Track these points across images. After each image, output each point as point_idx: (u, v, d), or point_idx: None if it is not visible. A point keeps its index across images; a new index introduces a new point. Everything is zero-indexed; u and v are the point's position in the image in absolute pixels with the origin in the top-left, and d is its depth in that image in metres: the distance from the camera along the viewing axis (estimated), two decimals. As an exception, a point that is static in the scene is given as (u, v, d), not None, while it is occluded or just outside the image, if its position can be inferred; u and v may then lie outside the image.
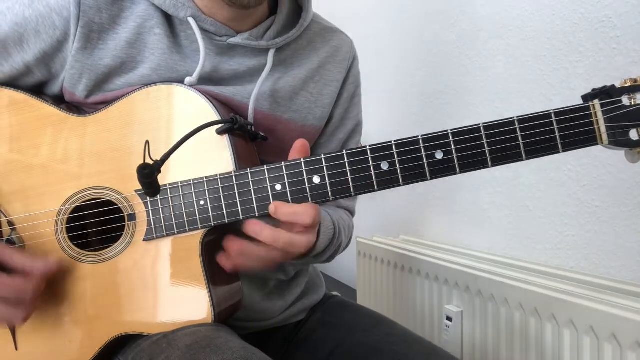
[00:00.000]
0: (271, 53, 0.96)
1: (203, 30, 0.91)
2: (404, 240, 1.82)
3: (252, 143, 0.92)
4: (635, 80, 0.74)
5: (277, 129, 0.99)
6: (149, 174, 0.71)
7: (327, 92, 1.04)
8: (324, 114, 1.04)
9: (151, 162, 0.71)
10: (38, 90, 0.94)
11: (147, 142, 0.71)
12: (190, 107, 0.85)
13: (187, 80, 0.89)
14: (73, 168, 0.87)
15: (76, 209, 0.87)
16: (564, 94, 1.27)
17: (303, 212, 0.79)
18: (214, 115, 0.84)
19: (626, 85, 0.74)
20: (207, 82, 0.92)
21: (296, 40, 1.01)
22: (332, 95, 1.05)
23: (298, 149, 0.83)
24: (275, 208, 0.80)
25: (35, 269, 0.81)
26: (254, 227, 0.80)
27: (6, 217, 0.88)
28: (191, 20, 0.89)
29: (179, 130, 0.84)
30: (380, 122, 1.26)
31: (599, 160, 1.20)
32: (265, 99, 0.96)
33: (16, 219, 0.88)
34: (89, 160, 0.87)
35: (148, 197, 0.84)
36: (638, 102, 0.74)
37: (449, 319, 1.44)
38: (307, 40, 1.03)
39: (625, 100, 0.74)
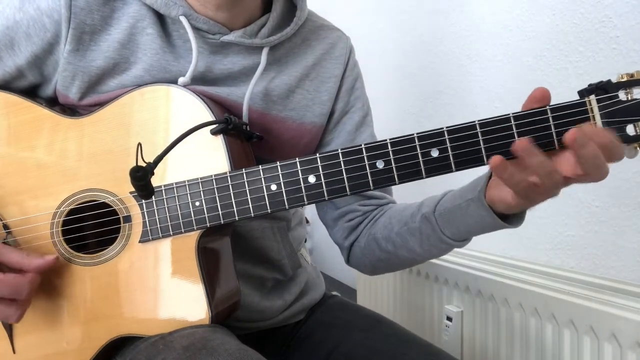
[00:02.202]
0: (265, 51, 0.95)
1: (195, 28, 0.91)
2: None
3: (247, 143, 0.92)
4: (632, 75, 0.72)
5: (274, 128, 0.99)
6: (141, 177, 0.70)
7: (324, 89, 1.03)
8: (323, 110, 1.03)
9: (144, 164, 0.71)
10: (31, 93, 0.94)
11: (140, 144, 0.71)
12: (184, 107, 0.85)
13: (181, 80, 0.89)
14: (68, 170, 0.87)
15: (72, 211, 0.87)
16: (564, 94, 1.26)
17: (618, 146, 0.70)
18: (208, 116, 0.83)
19: (623, 80, 0.73)
20: (200, 82, 0.92)
21: (290, 39, 1.00)
22: (331, 92, 1.04)
23: (536, 97, 0.75)
24: (581, 131, 0.68)
25: (32, 266, 0.80)
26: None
27: (1, 220, 0.88)
28: (183, 19, 0.89)
29: (174, 131, 0.84)
30: (380, 122, 1.25)
31: (599, 160, 1.20)
32: (260, 98, 0.96)
33: (11, 222, 0.88)
34: (84, 162, 0.87)
35: (141, 199, 0.84)
36: (635, 96, 0.72)
37: (449, 319, 1.44)
38: (302, 39, 1.02)
39: (621, 95, 0.73)
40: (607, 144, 0.68)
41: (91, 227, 0.88)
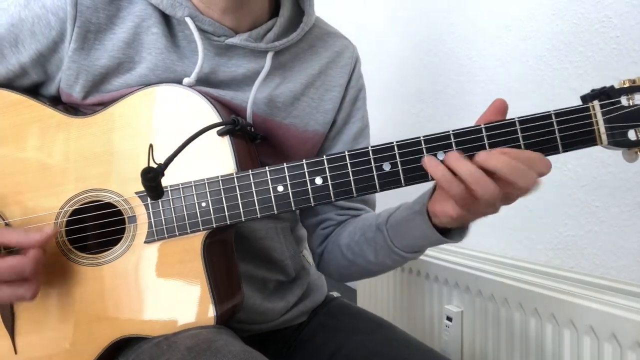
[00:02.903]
0: (269, 56, 0.95)
1: (201, 30, 0.90)
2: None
3: (251, 144, 0.92)
4: (634, 81, 0.74)
5: (277, 134, 0.98)
6: (152, 178, 0.70)
7: (328, 98, 1.03)
8: (326, 119, 1.03)
9: (154, 166, 0.70)
10: (34, 91, 0.94)
11: (151, 145, 0.71)
12: (190, 108, 0.85)
13: (186, 80, 0.88)
14: (71, 170, 0.87)
15: (75, 212, 0.86)
16: (564, 94, 1.27)
17: (540, 160, 0.73)
18: (215, 117, 0.83)
19: (625, 86, 0.75)
20: (205, 84, 0.92)
21: (297, 44, 1.00)
22: (335, 101, 1.04)
23: (497, 107, 0.78)
24: (501, 151, 0.72)
25: (31, 241, 0.79)
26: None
27: (4, 220, 0.87)
28: (188, 20, 0.89)
29: (180, 131, 0.83)
30: (380, 123, 1.26)
31: (599, 160, 1.20)
32: (265, 103, 0.96)
33: (14, 222, 0.87)
34: (88, 162, 0.86)
35: (150, 200, 0.84)
36: (636, 102, 0.74)
37: (449, 319, 1.44)
38: (308, 44, 1.02)
39: (624, 100, 0.74)
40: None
41: (95, 228, 0.87)
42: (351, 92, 1.07)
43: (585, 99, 0.76)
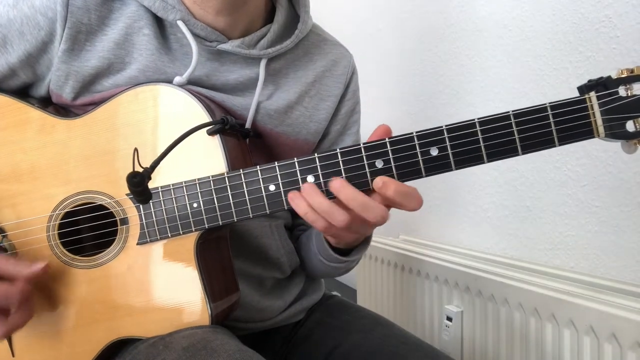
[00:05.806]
0: (263, 63, 0.94)
1: (193, 34, 0.90)
2: (404, 240, 1.81)
3: (243, 140, 0.91)
4: (632, 71, 0.72)
5: (266, 141, 0.98)
6: (139, 182, 0.69)
7: (323, 107, 1.02)
8: (318, 129, 1.03)
9: (141, 170, 0.70)
10: (24, 92, 0.93)
11: (136, 149, 0.71)
12: (179, 107, 0.84)
13: (177, 80, 0.88)
14: (62, 172, 0.86)
15: (68, 214, 0.86)
16: (564, 94, 1.25)
17: (413, 196, 0.74)
18: (204, 116, 0.83)
19: (622, 75, 0.73)
20: (196, 86, 0.91)
21: (292, 51, 0.99)
22: (329, 111, 1.03)
23: (379, 134, 0.79)
24: (383, 183, 0.74)
25: (20, 274, 0.79)
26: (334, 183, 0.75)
27: (-2, 223, 0.87)
28: (180, 24, 0.88)
29: (169, 131, 0.83)
30: (380, 122, 1.24)
31: (599, 160, 1.19)
32: (257, 111, 0.95)
33: (7, 225, 0.87)
34: (79, 164, 0.86)
35: (139, 204, 0.83)
36: (635, 92, 0.72)
37: (449, 319, 1.44)
38: (304, 51, 1.01)
39: (621, 91, 0.72)
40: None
41: (88, 230, 0.87)
42: (348, 104, 1.06)
43: (582, 89, 0.75)
